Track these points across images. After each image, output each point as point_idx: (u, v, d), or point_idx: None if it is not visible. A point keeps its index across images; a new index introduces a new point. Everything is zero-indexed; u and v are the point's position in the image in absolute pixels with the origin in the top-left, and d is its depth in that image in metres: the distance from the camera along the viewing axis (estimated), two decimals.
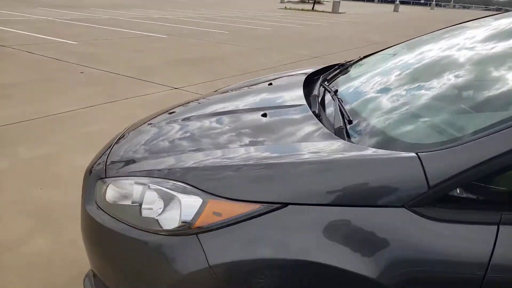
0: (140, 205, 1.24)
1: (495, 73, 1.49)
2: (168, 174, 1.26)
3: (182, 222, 1.14)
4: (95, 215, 1.34)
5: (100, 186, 1.39)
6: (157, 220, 1.19)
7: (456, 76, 1.57)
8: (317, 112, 1.51)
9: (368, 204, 1.04)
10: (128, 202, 1.28)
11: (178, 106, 1.99)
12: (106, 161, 1.50)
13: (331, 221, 1.05)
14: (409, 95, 1.59)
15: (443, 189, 1.01)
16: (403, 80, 1.75)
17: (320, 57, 8.49)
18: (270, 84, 2.13)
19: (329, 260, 1.01)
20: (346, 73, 2.14)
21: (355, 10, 35.26)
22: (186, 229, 1.13)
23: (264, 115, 1.57)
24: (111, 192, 1.35)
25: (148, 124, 1.75)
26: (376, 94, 1.69)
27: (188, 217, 1.14)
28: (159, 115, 1.90)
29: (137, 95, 4.95)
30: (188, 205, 1.15)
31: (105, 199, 1.34)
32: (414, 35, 2.53)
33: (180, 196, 1.18)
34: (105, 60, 6.84)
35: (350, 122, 1.40)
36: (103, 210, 1.34)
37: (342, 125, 1.36)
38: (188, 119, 1.71)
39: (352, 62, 2.30)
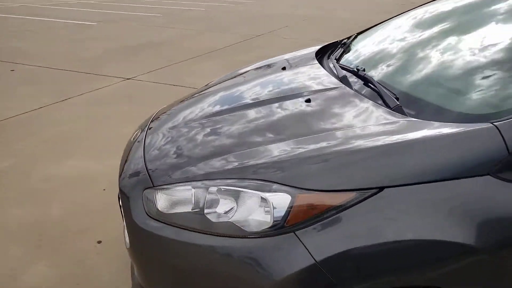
0: (202, 209, 1.16)
1: None
2: (241, 173, 1.18)
3: (275, 221, 1.08)
4: (152, 228, 1.23)
5: (150, 196, 1.27)
6: (233, 222, 1.12)
7: (496, 40, 1.55)
8: (363, 92, 1.50)
9: (457, 176, 1.07)
10: (188, 209, 1.19)
11: (192, 99, 1.86)
12: (146, 168, 1.37)
13: (426, 198, 1.07)
14: (450, 64, 1.57)
15: None
16: (431, 49, 1.72)
17: (265, 35, 8.44)
18: (284, 68, 2.07)
19: (432, 235, 1.05)
20: (352, 50, 2.13)
21: None
22: (281, 228, 1.07)
23: (308, 100, 1.53)
24: (163, 201, 1.25)
25: (173, 125, 1.62)
26: (409, 67, 1.70)
27: (279, 215, 1.08)
28: (174, 111, 1.76)
29: (89, 90, 4.56)
30: (277, 203, 1.09)
31: (159, 209, 1.23)
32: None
33: (265, 194, 1.11)
34: (37, 54, 6.18)
35: (397, 98, 1.41)
36: (160, 221, 1.22)
37: (398, 102, 1.37)
38: (218, 113, 1.60)
39: (351, 39, 2.29)
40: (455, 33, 1.77)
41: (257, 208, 1.11)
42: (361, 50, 2.10)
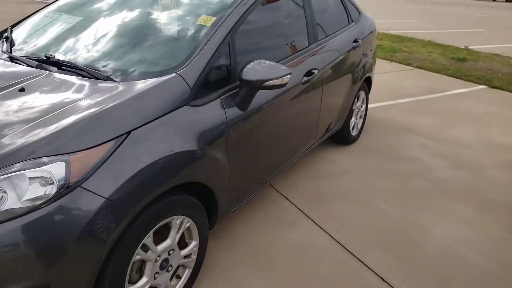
0: None
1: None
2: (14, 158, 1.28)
3: (59, 185, 1.27)
4: None
5: None
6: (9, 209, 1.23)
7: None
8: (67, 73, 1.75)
9: (168, 111, 1.60)
10: None
11: None
12: None
13: (157, 129, 1.54)
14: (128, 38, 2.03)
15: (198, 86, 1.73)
16: (99, 28, 2.12)
17: None
18: None
19: (171, 150, 1.55)
20: (18, 42, 2.18)
21: None
22: (67, 188, 1.28)
23: (22, 89, 1.61)
24: None
25: None
26: (92, 46, 1.99)
27: (61, 178, 1.28)
28: None
29: None
30: (55, 171, 1.28)
31: None
32: None
33: (39, 169, 1.27)
34: None
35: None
36: None
37: (106, 74, 1.71)
38: None
39: (8, 32, 2.21)
40: (116, 11, 2.25)
41: (32, 186, 1.24)
42: (29, 40, 2.19)
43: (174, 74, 1.69)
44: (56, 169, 1.29)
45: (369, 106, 4.80)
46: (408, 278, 2.08)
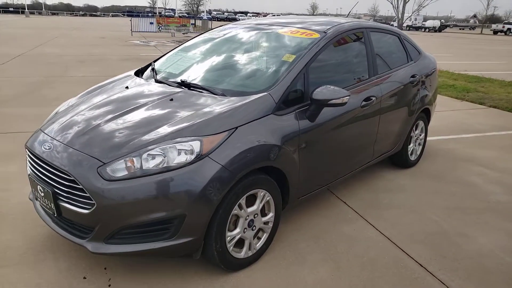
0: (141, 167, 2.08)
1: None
2: (163, 139, 2.13)
3: (197, 154, 2.08)
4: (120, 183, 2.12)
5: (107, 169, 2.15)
6: (168, 166, 2.08)
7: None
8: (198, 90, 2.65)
9: (261, 116, 2.38)
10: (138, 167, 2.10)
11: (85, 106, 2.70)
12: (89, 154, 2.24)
13: (257, 125, 2.34)
14: (240, 68, 2.94)
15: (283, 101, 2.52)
16: (216, 60, 3.12)
17: None
18: (127, 87, 2.88)
19: (264, 141, 2.30)
20: (160, 70, 3.18)
21: None
22: (200, 156, 2.08)
23: (171, 99, 2.50)
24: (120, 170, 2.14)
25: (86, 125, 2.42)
26: (208, 73, 2.98)
27: (198, 151, 2.09)
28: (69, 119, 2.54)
29: None
30: (195, 145, 2.10)
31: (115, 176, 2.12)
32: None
33: (186, 144, 2.10)
34: None
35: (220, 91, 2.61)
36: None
37: (221, 92, 2.57)
38: (120, 115, 2.42)
39: (152, 65, 3.26)
40: (227, 50, 3.21)
41: (180, 154, 2.06)
42: (167, 69, 3.17)
43: (265, 93, 2.47)
44: (195, 145, 2.09)
45: (432, 138, 5.17)
46: (444, 267, 2.50)
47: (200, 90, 2.62)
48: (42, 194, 2.25)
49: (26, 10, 62.73)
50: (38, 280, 2.25)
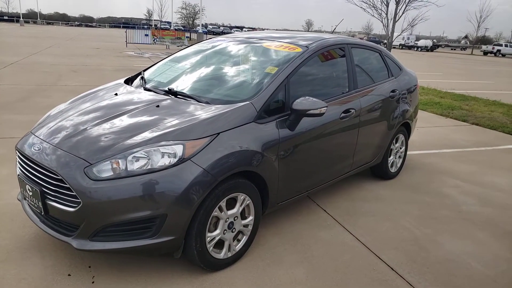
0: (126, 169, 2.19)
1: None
2: (148, 143, 2.26)
3: (179, 157, 2.21)
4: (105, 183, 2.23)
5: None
6: (150, 168, 2.19)
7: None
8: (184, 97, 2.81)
9: (242, 124, 2.51)
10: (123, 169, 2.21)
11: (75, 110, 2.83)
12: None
13: (236, 133, 2.47)
14: (222, 78, 3.15)
15: None
16: (199, 70, 3.33)
17: None
18: (116, 94, 3.02)
19: (246, 147, 2.46)
20: (148, 79, 3.33)
21: None
22: (182, 160, 2.20)
23: (157, 106, 2.65)
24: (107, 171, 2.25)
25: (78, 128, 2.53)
26: (191, 82, 3.15)
27: (180, 154, 2.21)
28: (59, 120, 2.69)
29: None
30: (177, 149, 2.23)
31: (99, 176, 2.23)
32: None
33: (168, 148, 2.23)
34: None
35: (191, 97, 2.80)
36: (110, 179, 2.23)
37: (206, 100, 2.73)
38: (108, 119, 2.56)
39: (141, 74, 3.40)
40: (214, 62, 3.43)
41: (163, 157, 2.19)
42: (156, 78, 3.34)
43: (247, 102, 2.61)
44: (178, 148, 2.22)
45: (414, 152, 5.35)
46: (414, 271, 2.64)
47: (187, 98, 2.76)
48: (31, 193, 2.35)
49: (21, 19, 62.84)
50: (24, 275, 2.34)
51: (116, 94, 3.00)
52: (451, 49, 77.85)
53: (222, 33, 61.46)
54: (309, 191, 3.19)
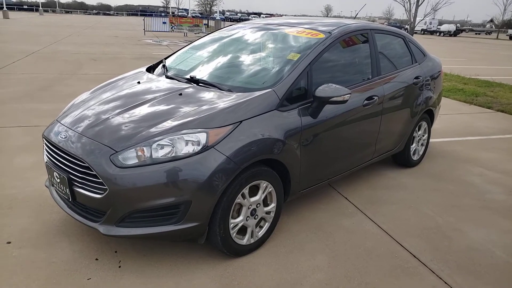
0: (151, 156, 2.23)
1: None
2: (172, 131, 2.27)
3: (203, 145, 2.23)
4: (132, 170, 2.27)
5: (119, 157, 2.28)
6: (175, 155, 2.22)
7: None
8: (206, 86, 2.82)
9: (265, 112, 2.51)
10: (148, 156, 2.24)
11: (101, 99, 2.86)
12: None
13: (262, 120, 2.48)
14: (248, 66, 3.09)
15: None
16: (224, 59, 3.28)
17: None
18: (139, 82, 3.04)
19: (268, 135, 2.45)
20: (170, 67, 3.35)
21: None
22: (206, 148, 2.22)
23: (180, 94, 2.67)
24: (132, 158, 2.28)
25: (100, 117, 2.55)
26: (213, 70, 3.13)
27: (204, 142, 2.23)
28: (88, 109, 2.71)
29: None
30: (201, 137, 2.25)
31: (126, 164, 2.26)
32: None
33: (193, 135, 2.25)
34: None
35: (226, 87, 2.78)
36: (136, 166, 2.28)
37: (228, 88, 2.73)
38: (134, 106, 2.60)
39: (163, 62, 3.43)
40: (235, 49, 3.38)
41: (187, 145, 2.21)
42: (177, 66, 3.35)
43: (269, 90, 2.60)
44: (201, 136, 2.24)
45: (436, 139, 5.25)
46: (437, 258, 2.61)
47: (208, 86, 2.77)
48: (58, 180, 2.42)
49: (40, 8, 63.71)
50: (53, 259, 2.42)
51: (138, 83, 3.03)
52: (476, 33, 75.43)
53: (240, 19, 61.01)
54: (331, 179, 3.17)
